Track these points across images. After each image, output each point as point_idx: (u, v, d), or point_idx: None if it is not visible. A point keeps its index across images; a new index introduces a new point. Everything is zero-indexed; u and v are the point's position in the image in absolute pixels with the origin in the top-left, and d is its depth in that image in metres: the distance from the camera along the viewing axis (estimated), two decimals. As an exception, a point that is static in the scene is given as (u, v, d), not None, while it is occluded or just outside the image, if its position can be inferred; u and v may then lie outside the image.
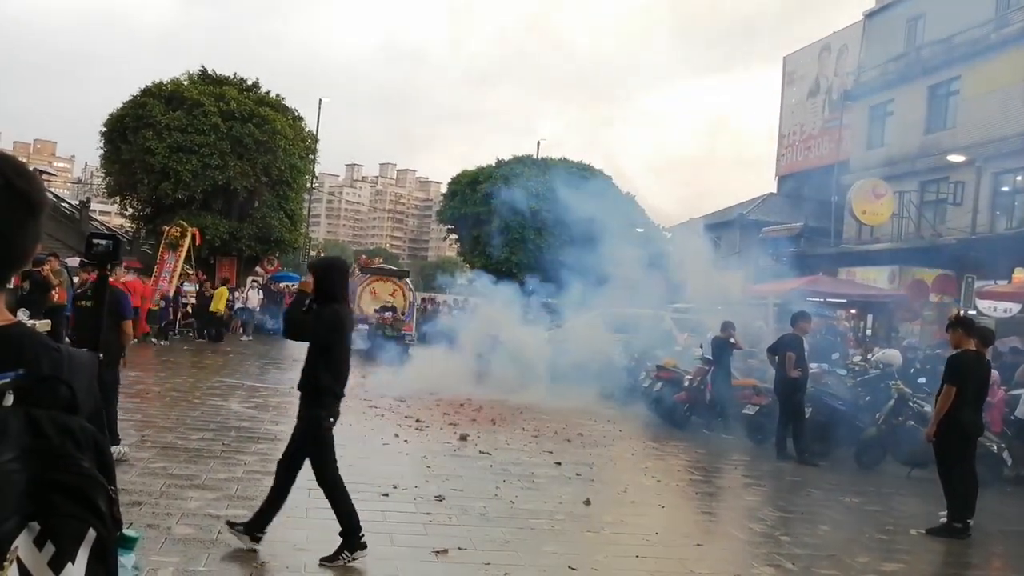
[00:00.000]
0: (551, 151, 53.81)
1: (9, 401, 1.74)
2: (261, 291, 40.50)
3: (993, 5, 31.74)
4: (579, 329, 24.92)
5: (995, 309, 24.03)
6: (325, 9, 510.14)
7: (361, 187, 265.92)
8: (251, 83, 45.70)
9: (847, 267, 31.81)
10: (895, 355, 18.22)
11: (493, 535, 9.01)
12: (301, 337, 8.08)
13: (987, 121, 30.42)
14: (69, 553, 1.70)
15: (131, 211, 45.93)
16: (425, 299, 49.72)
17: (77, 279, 18.31)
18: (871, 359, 18.76)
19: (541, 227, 46.36)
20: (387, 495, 10.22)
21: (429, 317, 42.45)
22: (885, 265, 29.82)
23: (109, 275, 7.19)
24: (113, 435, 10.72)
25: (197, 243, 36.07)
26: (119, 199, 45.47)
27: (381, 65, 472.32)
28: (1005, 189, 30.34)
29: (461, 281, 48.91)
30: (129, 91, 46.43)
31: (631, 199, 45.27)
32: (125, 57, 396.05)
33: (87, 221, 44.58)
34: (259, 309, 38.64)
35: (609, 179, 48.31)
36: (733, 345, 19.16)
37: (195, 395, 17.46)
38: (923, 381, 17.57)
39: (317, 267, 8.25)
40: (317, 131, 50.95)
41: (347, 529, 7.77)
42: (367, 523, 8.95)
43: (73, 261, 24.07)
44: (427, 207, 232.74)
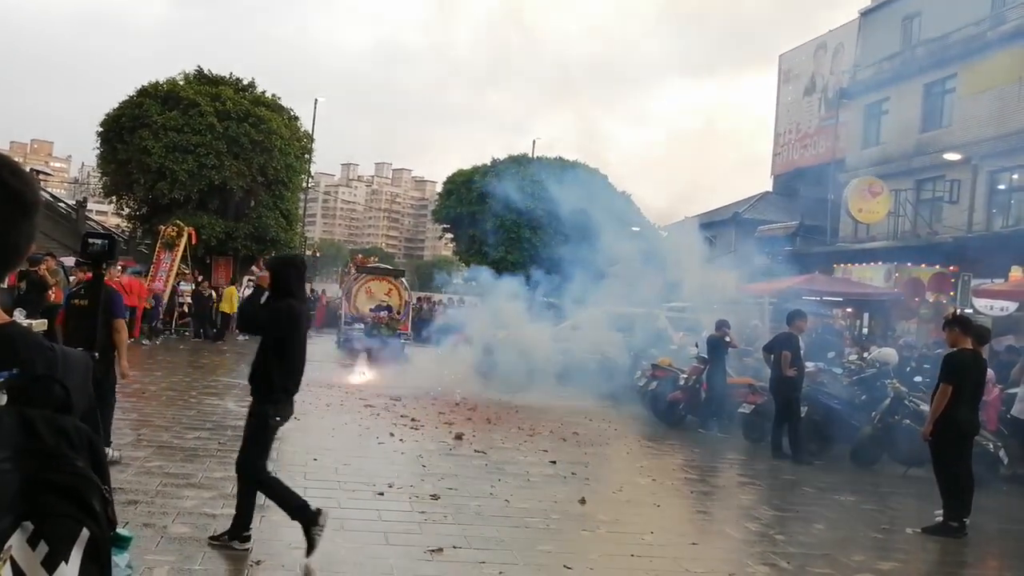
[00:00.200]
0: (546, 150, 53.75)
1: (3, 400, 1.75)
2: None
3: (989, 3, 31.76)
4: (587, 326, 24.82)
5: (991, 307, 24.04)
6: (321, 9, 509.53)
7: (357, 186, 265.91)
8: (247, 83, 45.62)
9: (843, 265, 31.79)
10: (891, 354, 18.20)
11: (488, 534, 9.01)
12: (254, 330, 8.10)
13: (983, 119, 30.45)
14: (62, 553, 1.70)
15: (127, 211, 45.82)
16: (421, 298, 49.74)
17: (74, 278, 18.38)
18: (867, 358, 18.77)
19: (536, 226, 46.34)
20: (382, 494, 10.22)
21: (425, 316, 42.48)
22: (881, 263, 29.80)
23: (104, 274, 7.20)
24: (105, 435, 10.71)
25: (193, 243, 35.97)
26: (115, 199, 45.38)
27: (377, 65, 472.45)
28: (1001, 187, 30.36)
29: (457, 281, 48.93)
30: (125, 91, 46.48)
31: (626, 198, 45.27)
32: (121, 57, 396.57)
33: (84, 221, 44.51)
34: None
35: (604, 178, 48.30)
36: (728, 344, 19.17)
37: (191, 394, 17.46)
38: (919, 380, 17.58)
39: (273, 263, 8.28)
40: (313, 131, 50.98)
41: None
42: (362, 522, 8.99)
43: (70, 261, 24.06)
44: (423, 206, 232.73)
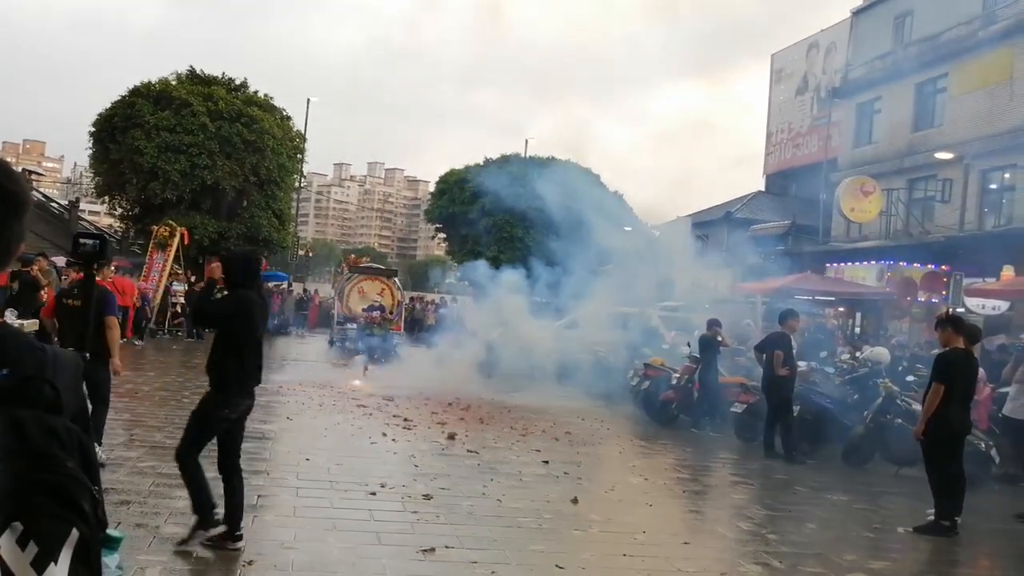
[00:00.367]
0: (539, 150, 53.84)
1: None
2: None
3: (980, 3, 31.77)
4: (580, 325, 24.78)
5: (983, 307, 24.05)
6: (314, 9, 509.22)
7: (349, 186, 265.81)
8: (239, 83, 45.70)
9: (835, 264, 31.83)
10: (883, 353, 18.20)
11: (480, 534, 9.01)
12: (205, 323, 8.07)
13: (974, 118, 30.48)
14: (52, 553, 1.69)
15: (120, 211, 45.88)
16: (414, 298, 49.75)
17: (66, 278, 18.34)
18: (859, 357, 18.78)
19: (529, 225, 46.37)
20: (375, 494, 10.22)
21: (418, 316, 42.49)
22: (873, 262, 29.83)
23: (96, 274, 7.20)
24: (97, 435, 10.70)
25: (186, 243, 35.94)
26: (108, 199, 45.44)
27: (370, 65, 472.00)
28: (993, 186, 30.39)
29: (450, 280, 48.84)
30: (118, 91, 46.43)
31: (619, 197, 45.33)
32: (114, 57, 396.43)
33: (76, 221, 44.51)
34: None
35: (597, 177, 48.36)
36: (720, 343, 19.18)
37: (184, 394, 17.40)
38: (911, 379, 17.59)
39: (224, 256, 8.26)
40: (305, 130, 51.02)
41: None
42: (354, 522, 8.99)
43: (62, 261, 24.02)
44: (415, 206, 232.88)
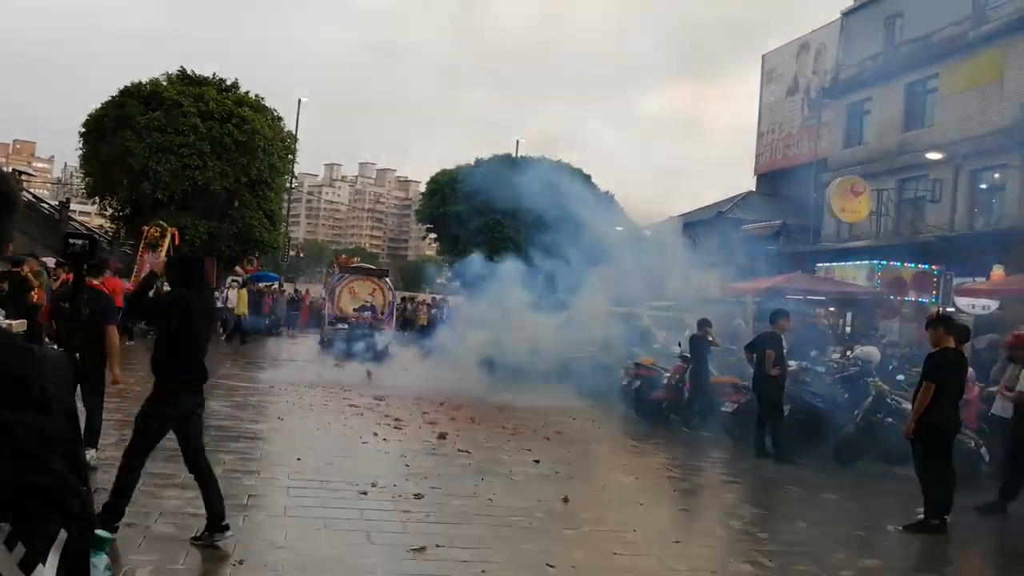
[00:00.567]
0: (530, 150, 53.77)
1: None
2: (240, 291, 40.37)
3: (970, 3, 31.87)
4: (572, 324, 24.72)
5: (973, 306, 24.11)
6: (304, 9, 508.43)
7: (340, 187, 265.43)
8: (230, 83, 45.59)
9: (826, 264, 31.88)
10: (873, 352, 18.22)
11: (471, 533, 9.02)
12: (140, 316, 8.03)
13: (964, 119, 30.56)
14: (40, 554, 1.69)
15: (111, 211, 45.75)
16: (405, 298, 49.73)
17: (57, 279, 18.31)
18: (849, 356, 18.81)
19: (520, 225, 46.34)
20: (365, 493, 10.22)
21: (409, 316, 42.48)
22: (864, 262, 29.89)
23: (86, 275, 7.18)
24: (93, 437, 10.66)
25: (176, 243, 35.89)
26: (98, 199, 45.32)
27: (361, 65, 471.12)
28: (983, 186, 30.49)
29: (441, 281, 48.77)
30: (108, 92, 46.24)
31: (610, 197, 45.32)
32: (104, 57, 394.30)
33: (67, 221, 44.34)
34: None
35: (588, 177, 48.37)
36: (711, 343, 19.20)
37: (175, 395, 17.37)
38: (901, 378, 17.62)
39: (173, 257, 8.22)
40: (296, 131, 50.96)
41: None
42: (345, 521, 8.99)
43: (52, 261, 23.97)
44: (406, 206, 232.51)
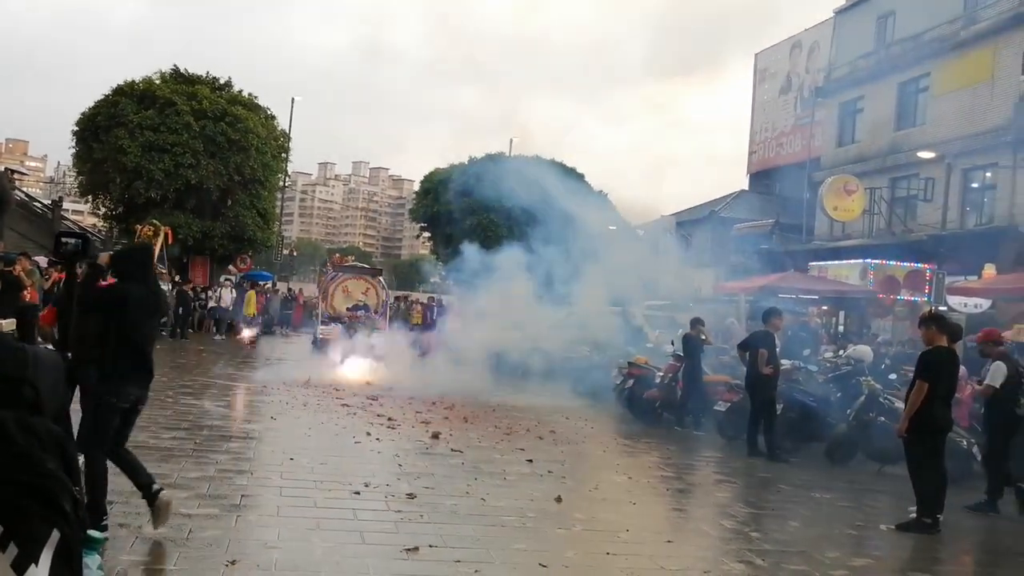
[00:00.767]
0: (524, 149, 53.65)
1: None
2: (234, 290, 40.40)
3: (961, 3, 31.95)
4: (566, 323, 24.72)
5: (965, 305, 24.17)
6: (298, 8, 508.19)
7: (334, 185, 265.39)
8: (224, 82, 45.48)
9: (819, 263, 31.94)
10: (866, 351, 18.26)
11: (464, 532, 9.02)
12: (82, 308, 8.00)
13: (956, 118, 30.62)
14: (32, 554, 1.69)
15: (104, 210, 45.63)
16: (399, 297, 49.71)
17: (49, 279, 18.27)
18: (842, 355, 18.84)
19: (514, 224, 46.30)
20: (358, 493, 10.21)
21: (403, 316, 42.46)
22: (856, 261, 29.94)
23: (76, 273, 7.15)
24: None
25: (170, 242, 35.82)
26: (91, 198, 45.21)
27: (354, 63, 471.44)
28: (975, 185, 30.54)
29: (434, 280, 48.69)
30: (101, 90, 46.16)
31: (603, 196, 45.31)
32: (97, 56, 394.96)
33: (59, 220, 44.30)
34: (232, 308, 38.57)
35: (581, 176, 48.34)
36: (704, 341, 19.22)
37: (167, 394, 17.37)
38: (894, 377, 17.65)
39: (118, 251, 8.19)
40: (290, 130, 50.85)
41: (92, 501, 7.64)
42: (338, 521, 8.98)
43: (44, 260, 23.94)
44: (400, 205, 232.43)
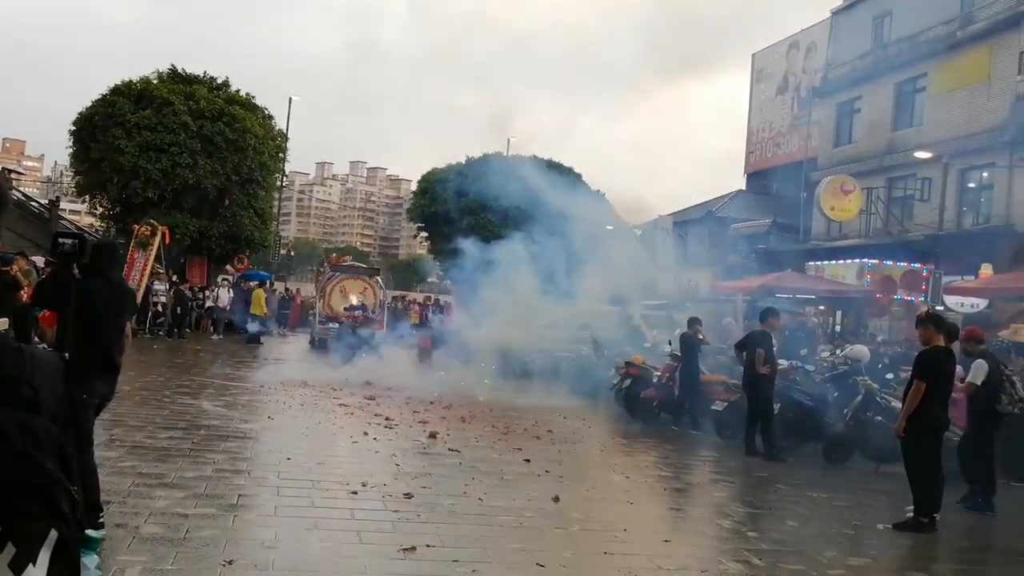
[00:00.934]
0: (521, 149, 53.60)
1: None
2: (231, 290, 40.37)
3: (958, 3, 31.98)
4: (563, 323, 24.72)
5: (962, 304, 24.21)
6: (297, 7, 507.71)
7: (331, 185, 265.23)
8: (221, 82, 45.43)
9: (816, 263, 31.98)
10: (863, 351, 18.26)
11: (461, 532, 9.02)
12: (42, 304, 7.98)
13: (953, 118, 30.67)
14: (30, 554, 1.69)
15: (101, 210, 45.57)
16: (396, 297, 49.69)
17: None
18: (838, 354, 18.84)
19: (510, 224, 46.27)
20: (356, 493, 10.21)
21: (400, 315, 42.44)
22: (853, 261, 29.99)
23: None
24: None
25: (167, 242, 35.82)
26: (89, 198, 45.17)
27: (352, 63, 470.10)
28: (971, 185, 30.58)
29: (432, 280, 48.62)
30: (98, 90, 46.00)
31: (601, 196, 45.31)
32: (95, 56, 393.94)
33: (56, 220, 44.21)
34: (229, 308, 38.54)
35: (579, 176, 48.35)
36: (701, 341, 19.21)
37: (165, 393, 17.38)
38: (891, 377, 17.66)
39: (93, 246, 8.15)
40: (287, 129, 50.93)
41: (87, 501, 7.73)
42: (336, 521, 8.99)
43: (41, 261, 23.91)
44: (397, 205, 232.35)
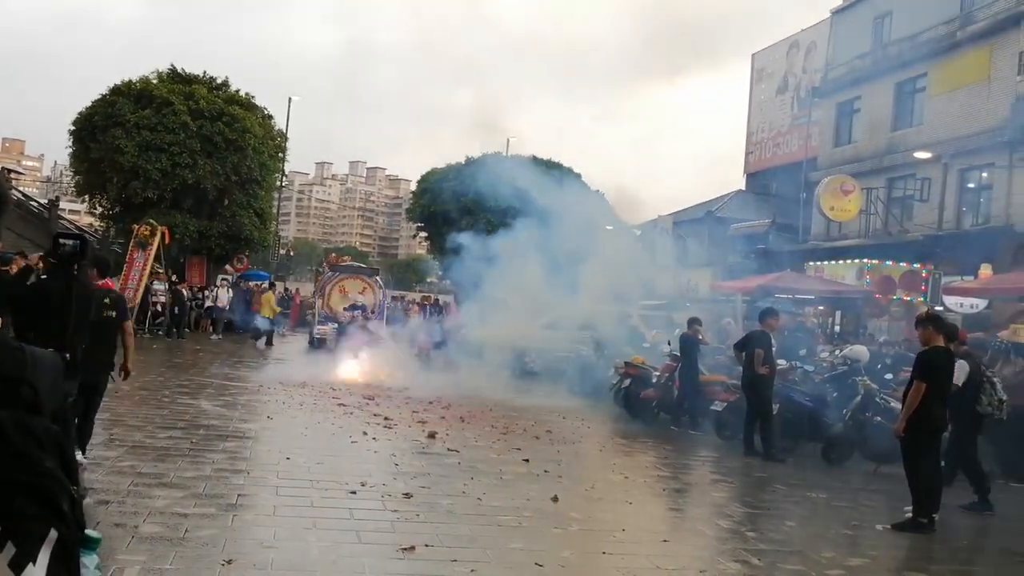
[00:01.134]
0: (521, 149, 53.57)
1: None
2: (231, 290, 40.39)
3: (958, 3, 31.99)
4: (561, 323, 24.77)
5: (961, 305, 24.22)
6: (296, 7, 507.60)
7: (331, 185, 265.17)
8: (221, 81, 45.41)
9: (815, 263, 31.98)
10: (862, 351, 18.26)
11: (460, 532, 9.02)
12: (7, 303, 7.97)
13: (953, 118, 30.68)
14: (30, 554, 1.69)
15: (100, 210, 45.54)
16: (395, 297, 49.68)
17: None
18: (837, 355, 18.85)
19: (509, 223, 46.21)
20: (355, 493, 10.21)
21: (398, 315, 42.40)
22: (853, 261, 30.00)
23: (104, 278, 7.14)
24: (83, 440, 10.54)
25: (167, 242, 35.80)
26: (88, 198, 45.14)
27: (351, 63, 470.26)
28: (971, 186, 30.59)
29: (431, 280, 48.61)
30: (98, 90, 45.99)
31: (600, 196, 45.28)
32: (94, 55, 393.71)
33: (56, 220, 44.19)
34: (229, 307, 38.56)
35: (578, 176, 48.33)
36: (700, 341, 19.22)
37: (164, 393, 17.38)
38: (890, 377, 17.67)
39: (48, 249, 8.15)
40: (287, 129, 50.92)
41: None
42: (335, 520, 8.99)
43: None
44: (397, 205, 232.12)
